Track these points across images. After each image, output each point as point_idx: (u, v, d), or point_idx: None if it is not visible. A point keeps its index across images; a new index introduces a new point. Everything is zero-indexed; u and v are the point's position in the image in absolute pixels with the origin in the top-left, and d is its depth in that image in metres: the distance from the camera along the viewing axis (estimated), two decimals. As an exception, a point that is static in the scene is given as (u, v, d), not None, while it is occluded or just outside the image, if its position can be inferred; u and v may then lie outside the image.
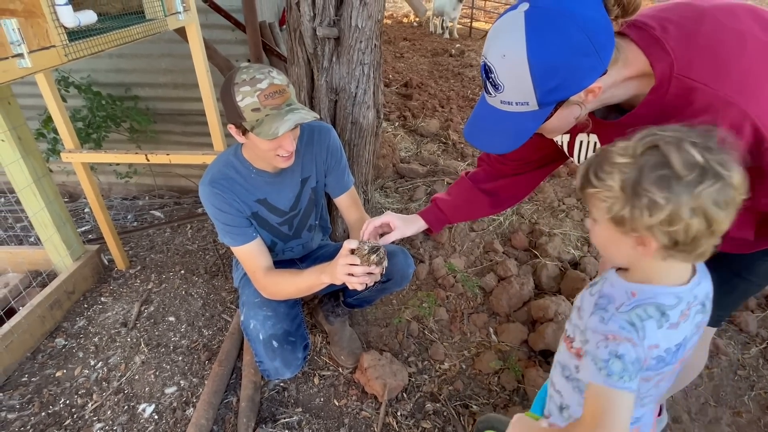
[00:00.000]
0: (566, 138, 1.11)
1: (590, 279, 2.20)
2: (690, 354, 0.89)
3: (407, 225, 1.32)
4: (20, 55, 1.06)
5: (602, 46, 0.77)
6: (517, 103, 0.83)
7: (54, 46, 1.16)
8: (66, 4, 1.16)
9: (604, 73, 0.80)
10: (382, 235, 1.30)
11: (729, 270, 1.05)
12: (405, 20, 10.11)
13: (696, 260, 0.81)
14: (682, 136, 0.72)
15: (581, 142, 1.07)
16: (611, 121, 0.95)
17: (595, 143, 1.03)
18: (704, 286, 0.85)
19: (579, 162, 1.10)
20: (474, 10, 9.41)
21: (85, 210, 3.14)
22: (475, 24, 8.94)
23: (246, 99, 1.20)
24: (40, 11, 1.09)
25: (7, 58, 1.05)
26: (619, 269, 0.88)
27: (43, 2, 1.12)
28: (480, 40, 8.09)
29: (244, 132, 1.28)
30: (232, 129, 1.30)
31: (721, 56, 0.79)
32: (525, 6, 0.78)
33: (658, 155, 0.71)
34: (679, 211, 0.70)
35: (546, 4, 0.77)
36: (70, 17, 1.16)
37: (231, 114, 1.25)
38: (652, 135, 0.74)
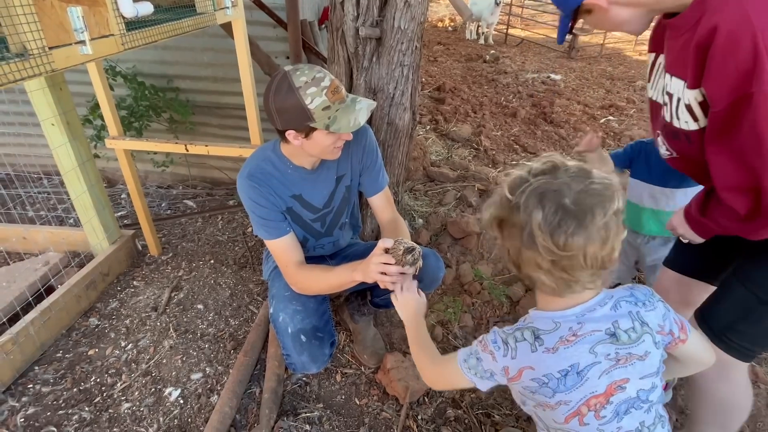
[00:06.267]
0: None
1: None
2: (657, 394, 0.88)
3: None
4: (82, 42, 1.10)
5: None
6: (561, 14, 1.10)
7: (113, 35, 1.21)
8: (126, -5, 1.21)
9: None
10: None
11: (756, 298, 1.03)
12: (440, 24, 10.09)
13: (537, 288, 0.87)
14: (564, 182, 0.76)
15: (660, 64, 1.12)
16: (667, 20, 1.01)
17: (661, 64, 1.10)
18: (607, 315, 0.83)
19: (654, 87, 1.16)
20: (511, 17, 9.32)
21: (122, 196, 3.24)
22: (510, 31, 8.86)
23: (316, 99, 1.21)
24: (102, 0, 1.13)
25: (70, 44, 1.09)
26: None
27: (105, -8, 1.17)
28: (515, 47, 8.01)
29: (308, 134, 1.28)
30: (291, 134, 1.28)
31: None
32: None
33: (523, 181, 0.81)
34: (504, 224, 0.82)
35: None
36: (129, 7, 1.20)
37: (295, 119, 1.24)
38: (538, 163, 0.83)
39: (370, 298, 1.83)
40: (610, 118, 4.49)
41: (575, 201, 0.73)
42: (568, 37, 1.23)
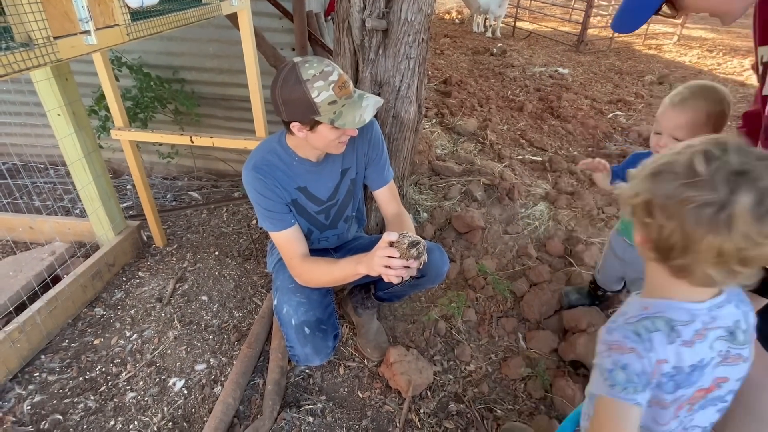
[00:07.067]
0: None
1: (628, 292, 2.13)
2: (753, 396, 0.83)
3: None
4: (87, 32, 1.10)
5: None
6: None
7: (117, 25, 1.20)
8: (131, -15, 1.20)
9: None
10: None
11: None
12: (447, 17, 10.00)
13: (682, 276, 0.74)
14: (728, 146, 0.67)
15: (762, 56, 1.05)
16: None
17: None
18: (732, 313, 0.79)
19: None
20: (519, 10, 9.22)
21: (128, 187, 3.25)
22: (518, 24, 8.76)
23: (322, 94, 1.21)
24: (106, -10, 1.13)
25: (75, 34, 1.09)
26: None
27: (110, -18, 1.16)
28: (523, 41, 7.93)
29: (312, 127, 1.27)
30: (296, 126, 1.28)
31: None
32: None
33: (677, 155, 0.70)
34: (652, 204, 0.70)
35: None
36: (134, -3, 1.19)
37: (300, 111, 1.23)
38: (698, 142, 0.72)
39: (374, 291, 1.83)
40: (618, 113, 4.44)
41: None
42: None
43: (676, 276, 0.75)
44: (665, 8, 1.05)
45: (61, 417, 1.63)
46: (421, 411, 1.67)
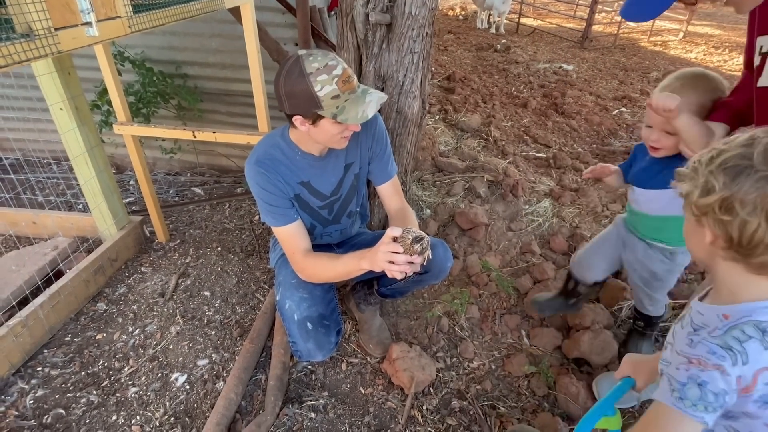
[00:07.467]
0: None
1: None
2: None
3: None
4: (89, 24, 1.08)
5: None
6: None
7: (119, 17, 1.19)
8: (132, -24, 1.19)
9: None
10: None
11: None
12: (450, 13, 9.96)
13: (764, 272, 0.71)
14: None
15: (761, 47, 1.04)
16: None
17: None
18: None
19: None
20: (523, 6, 9.16)
21: (130, 182, 3.25)
22: (522, 20, 8.72)
23: (325, 87, 1.19)
24: (108, -18, 1.12)
25: (76, 25, 1.08)
26: (702, 298, 0.82)
27: (111, -27, 1.15)
28: (527, 37, 7.89)
29: (315, 121, 1.26)
30: (298, 120, 1.27)
31: None
32: None
33: (747, 148, 0.67)
34: (735, 202, 0.65)
35: None
36: (135, -11, 1.18)
37: (303, 105, 1.22)
38: (762, 132, 0.69)
39: (377, 287, 1.82)
40: (623, 109, 4.41)
41: None
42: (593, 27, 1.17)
43: (758, 273, 0.71)
44: None
45: (63, 411, 1.63)
46: (424, 408, 1.66)
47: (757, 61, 1.06)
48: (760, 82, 1.05)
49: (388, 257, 1.16)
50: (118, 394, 1.69)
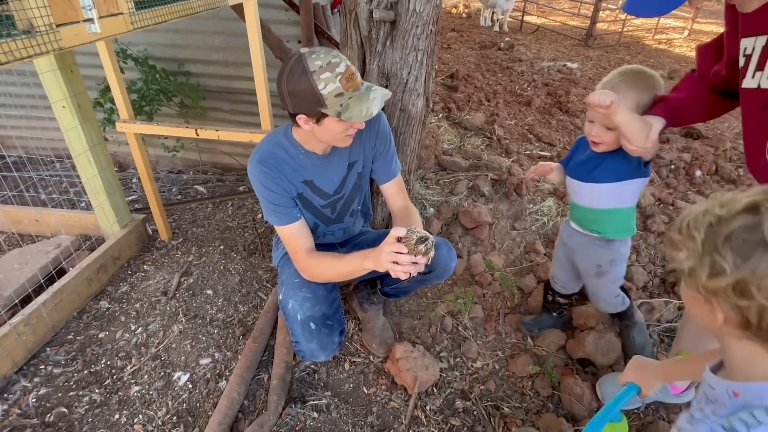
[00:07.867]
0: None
1: (636, 289, 2.09)
2: None
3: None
4: (90, 20, 1.07)
5: None
6: None
7: (122, 14, 1.18)
8: (134, -27, 1.18)
9: None
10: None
11: None
12: (454, 11, 9.92)
13: None
14: None
15: (744, 48, 1.03)
16: None
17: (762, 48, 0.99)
18: None
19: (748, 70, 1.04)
20: (527, 4, 9.12)
21: (133, 180, 3.25)
22: (526, 18, 8.67)
23: (329, 85, 1.18)
24: (110, -22, 1.10)
25: (78, 22, 1.07)
26: (716, 369, 0.77)
27: (114, -30, 1.14)
28: (531, 35, 7.85)
29: (319, 119, 1.25)
30: (301, 118, 1.26)
31: None
32: None
33: (752, 216, 0.60)
34: (751, 286, 0.58)
35: None
36: (138, -15, 1.17)
37: (306, 103, 1.21)
38: (762, 194, 0.61)
39: (380, 287, 1.81)
40: (628, 108, 4.38)
41: None
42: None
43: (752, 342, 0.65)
44: None
45: (66, 410, 1.62)
46: (427, 408, 1.65)
47: (741, 62, 1.06)
48: (744, 83, 1.05)
49: (392, 257, 1.15)
50: (120, 393, 1.69)
